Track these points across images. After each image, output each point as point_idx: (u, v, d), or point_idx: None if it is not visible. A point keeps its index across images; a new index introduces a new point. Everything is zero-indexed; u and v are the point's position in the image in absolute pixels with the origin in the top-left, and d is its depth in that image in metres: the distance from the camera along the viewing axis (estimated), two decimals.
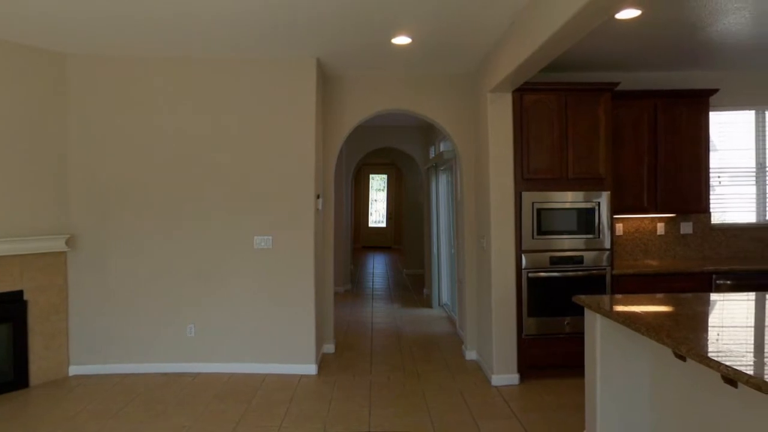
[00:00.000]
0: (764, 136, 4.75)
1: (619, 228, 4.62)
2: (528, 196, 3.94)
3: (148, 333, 4.17)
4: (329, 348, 4.76)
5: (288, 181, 4.16)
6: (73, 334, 4.11)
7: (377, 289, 8.60)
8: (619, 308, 2.55)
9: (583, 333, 2.91)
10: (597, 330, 2.72)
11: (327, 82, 4.63)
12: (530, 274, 3.95)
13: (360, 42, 3.73)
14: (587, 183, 4.00)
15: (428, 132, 7.58)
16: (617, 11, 2.50)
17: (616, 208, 4.23)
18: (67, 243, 4.01)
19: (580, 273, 3.97)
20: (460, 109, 4.60)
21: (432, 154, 7.27)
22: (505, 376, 3.92)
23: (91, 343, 4.12)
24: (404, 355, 4.72)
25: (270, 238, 4.16)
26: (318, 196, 4.37)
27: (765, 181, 4.77)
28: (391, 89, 4.61)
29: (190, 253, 4.18)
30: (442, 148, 6.44)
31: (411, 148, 8.25)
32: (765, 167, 4.77)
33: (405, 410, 3.43)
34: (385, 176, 16.16)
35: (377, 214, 16.41)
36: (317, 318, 4.29)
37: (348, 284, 8.52)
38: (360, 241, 15.67)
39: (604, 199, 4.00)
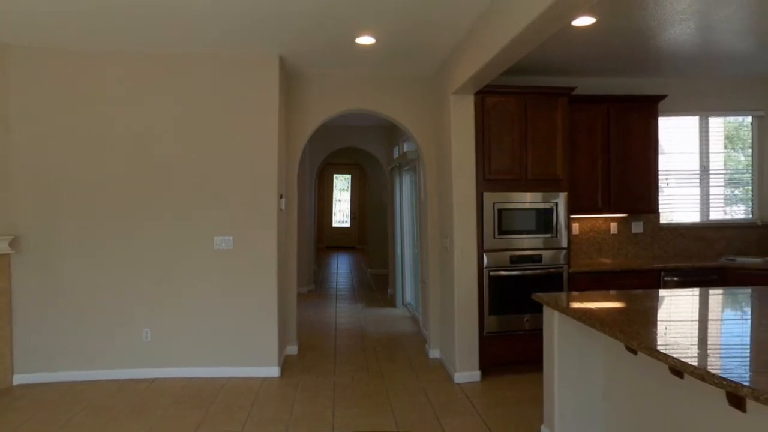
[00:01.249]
0: (707, 140, 5.04)
1: (576, 227, 4.79)
2: (489, 197, 4.02)
3: (100, 338, 3.99)
4: (292, 349, 4.70)
5: (250, 181, 4.09)
6: (18, 340, 3.88)
7: (341, 289, 8.57)
8: (576, 305, 2.64)
9: (542, 329, 2.99)
10: (555, 326, 2.81)
11: (291, 80, 4.58)
12: (491, 273, 4.04)
13: (324, 41, 3.70)
14: (545, 184, 4.12)
15: (392, 132, 7.61)
16: (573, 18, 2.59)
17: (572, 208, 4.38)
18: (10, 245, 3.78)
19: (538, 271, 4.09)
20: (423, 110, 4.65)
21: (396, 155, 7.31)
22: (467, 373, 3.99)
23: (37, 350, 3.91)
24: (368, 354, 4.72)
25: (231, 238, 4.07)
26: (281, 196, 4.31)
27: (708, 183, 5.06)
28: (356, 89, 4.60)
29: (146, 254, 4.03)
30: (405, 148, 6.48)
31: (375, 148, 8.26)
32: (708, 170, 5.06)
33: (369, 410, 3.44)
34: (349, 176, 16.12)
35: (341, 214, 16.35)
36: (280, 319, 4.23)
37: (311, 284, 8.44)
38: (324, 241, 15.56)
39: (561, 199, 4.13)
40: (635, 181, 4.53)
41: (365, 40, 3.66)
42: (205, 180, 4.06)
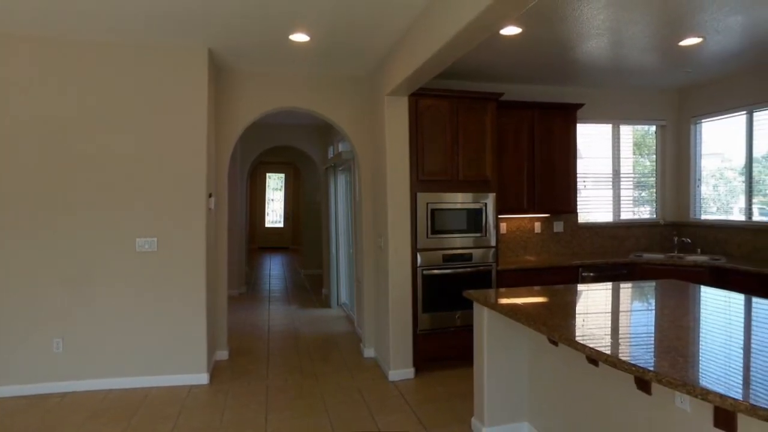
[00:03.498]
0: (619, 146, 5.49)
1: (503, 227, 5.02)
2: (423, 197, 4.11)
3: (3, 350, 3.61)
4: (222, 354, 4.52)
5: (176, 178, 3.88)
6: None
7: (274, 290, 8.37)
8: (503, 301, 2.77)
9: (472, 325, 3.11)
10: (484, 322, 2.93)
11: (222, 74, 4.40)
12: (425, 272, 4.13)
13: (256, 35, 3.60)
14: (476, 185, 4.28)
15: (327, 132, 7.56)
16: (501, 27, 2.71)
17: (500, 208, 4.59)
18: None
19: (469, 269, 4.24)
20: (358, 110, 4.66)
21: (331, 154, 7.27)
22: (401, 371, 4.05)
23: None
24: (302, 356, 4.65)
25: (155, 239, 3.84)
26: (210, 195, 4.13)
27: (619, 186, 5.51)
28: (290, 87, 4.51)
29: (57, 257, 3.70)
30: (340, 148, 6.46)
31: (310, 147, 8.16)
32: (619, 174, 5.51)
33: (303, 412, 3.39)
34: (282, 175, 15.79)
35: (274, 214, 15.97)
36: (209, 324, 4.06)
37: (243, 287, 8.18)
38: (256, 241, 15.12)
39: (490, 200, 4.31)
40: (557, 183, 4.83)
41: (299, 37, 3.61)
42: (126, 177, 3.80)
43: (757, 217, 4.73)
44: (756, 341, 1.96)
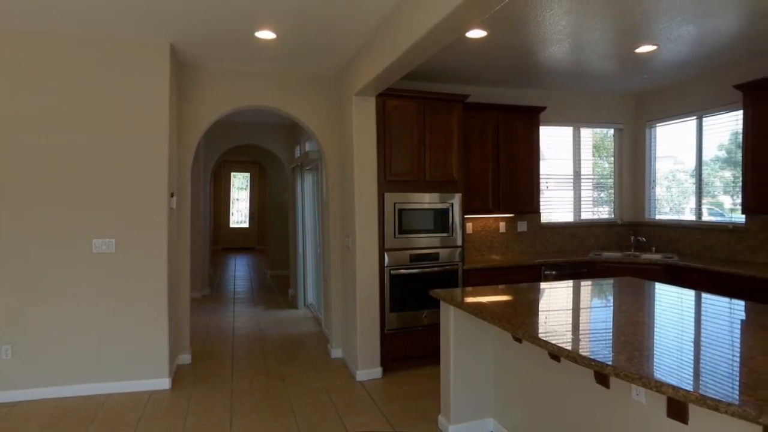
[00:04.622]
0: (579, 148, 5.67)
1: (469, 227, 5.10)
2: (390, 197, 4.13)
3: None
4: (185, 358, 4.40)
5: (136, 177, 3.74)
6: None
7: (239, 292, 8.21)
8: (469, 300, 2.81)
9: (439, 324, 3.14)
10: (451, 320, 2.97)
11: (184, 71, 4.28)
12: (392, 272, 4.14)
13: (220, 32, 3.52)
14: (442, 185, 4.33)
15: (294, 131, 7.47)
16: (467, 30, 2.75)
17: (466, 208, 4.66)
18: None
19: (436, 269, 4.29)
20: (326, 109, 4.63)
21: (298, 154, 7.19)
22: (369, 371, 4.05)
23: None
24: (268, 358, 4.59)
25: (113, 240, 3.69)
26: (172, 194, 4.01)
27: (580, 186, 5.69)
28: (256, 84, 4.44)
29: (8, 258, 3.51)
30: (307, 147, 6.40)
31: (276, 146, 8.05)
32: (580, 175, 5.69)
33: (269, 415, 3.34)
34: (248, 174, 15.51)
35: (239, 214, 15.67)
36: (171, 327, 3.94)
37: (206, 289, 7.99)
38: (220, 242, 14.80)
39: (456, 200, 4.37)
40: (521, 184, 4.95)
41: (265, 34, 3.55)
42: (82, 174, 3.64)
43: (706, 217, 4.98)
44: (705, 335, 2.07)
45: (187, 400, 3.58)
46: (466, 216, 4.77)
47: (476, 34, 3.55)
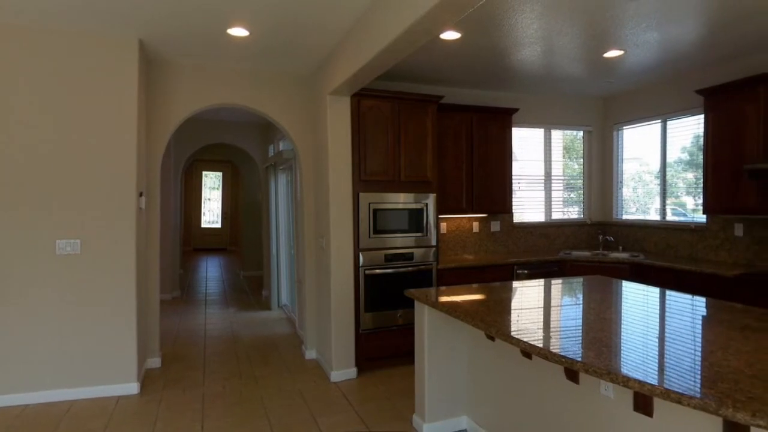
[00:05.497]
0: (550, 150, 5.79)
1: (444, 227, 5.14)
2: (365, 197, 4.12)
3: None
4: (155, 362, 4.29)
5: (103, 176, 3.63)
6: None
7: (211, 293, 8.06)
8: (443, 299, 2.84)
9: (414, 324, 3.16)
10: (425, 320, 2.98)
11: (155, 67, 4.17)
12: (367, 272, 4.14)
13: (191, 27, 3.44)
14: (417, 186, 4.36)
15: (267, 130, 7.39)
16: (441, 32, 2.78)
17: (440, 208, 4.70)
18: None
19: (410, 268, 4.31)
20: (300, 108, 4.59)
21: (271, 153, 7.11)
22: (343, 371, 4.04)
23: None
24: (241, 360, 4.52)
25: (78, 241, 3.57)
26: (141, 194, 3.91)
27: (551, 187, 5.82)
28: (229, 82, 4.36)
29: None
30: (281, 147, 6.34)
31: (249, 145, 7.93)
32: (551, 176, 5.81)
33: (242, 418, 3.29)
34: (220, 174, 15.24)
35: (211, 214, 15.38)
36: (139, 330, 3.83)
37: (177, 290, 7.81)
38: (191, 243, 14.50)
39: (431, 200, 4.40)
40: (494, 184, 5.02)
41: (238, 32, 3.50)
42: (46, 174, 3.51)
43: (670, 217, 5.17)
44: (669, 330, 2.14)
45: (156, 405, 3.49)
46: (440, 216, 4.81)
47: (450, 35, 3.59)
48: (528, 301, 2.84)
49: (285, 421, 3.25)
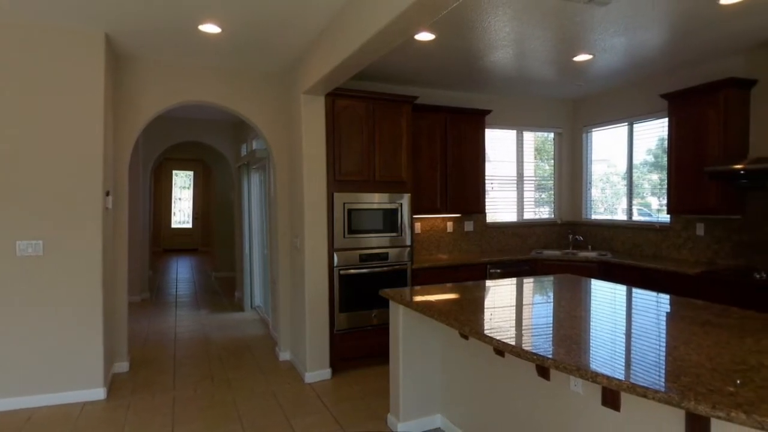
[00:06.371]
0: (522, 151, 5.89)
1: (418, 227, 5.17)
2: (340, 197, 4.11)
3: None
4: (122, 366, 4.17)
5: (68, 174, 3.51)
6: None
7: (182, 295, 7.89)
8: (418, 299, 2.86)
9: (389, 323, 3.16)
10: (400, 319, 3.00)
11: (123, 63, 4.05)
12: (342, 272, 4.13)
13: (160, 23, 3.36)
14: (392, 186, 4.37)
15: (240, 128, 7.27)
16: (415, 33, 2.79)
17: (415, 208, 4.72)
18: None
19: (385, 268, 4.31)
20: (274, 107, 4.54)
21: (244, 152, 7.00)
22: (318, 372, 4.02)
23: None
24: (213, 363, 4.44)
25: (40, 242, 3.44)
26: (107, 193, 3.79)
27: (523, 188, 5.92)
28: (200, 79, 4.28)
29: None
30: (254, 146, 6.25)
31: (221, 144, 7.80)
32: (523, 177, 5.92)
33: (214, 422, 3.23)
34: (191, 173, 14.92)
35: (182, 214, 15.05)
36: (106, 333, 3.72)
37: (146, 292, 7.61)
38: (161, 243, 14.15)
39: (405, 200, 4.42)
40: (467, 184, 5.08)
41: (210, 28, 3.43)
42: (5, 170, 3.36)
43: (636, 217, 5.33)
44: (636, 327, 2.21)
45: (124, 411, 3.39)
46: (414, 216, 4.84)
47: (425, 36, 3.61)
48: (501, 300, 2.88)
49: (258, 423, 3.21)
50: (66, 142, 3.50)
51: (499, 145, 5.74)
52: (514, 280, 3.51)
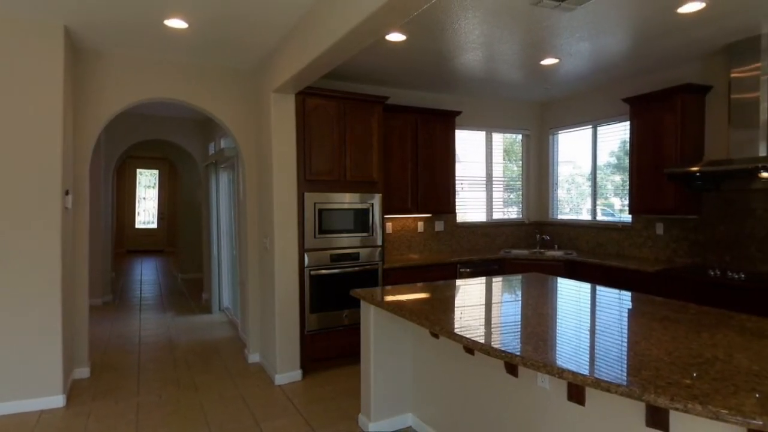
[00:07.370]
0: (491, 152, 5.99)
1: (389, 227, 5.18)
2: (310, 197, 4.08)
3: None
4: (83, 372, 4.01)
5: (23, 173, 3.35)
6: None
7: (146, 297, 7.66)
8: (389, 298, 2.86)
9: (360, 323, 3.16)
10: (371, 319, 2.99)
11: (83, 57, 3.90)
12: (312, 272, 4.10)
13: (123, 16, 3.25)
14: (363, 186, 4.36)
15: (207, 126, 7.12)
16: (386, 33, 2.80)
17: (386, 208, 4.73)
18: None
19: (356, 268, 4.30)
20: (243, 106, 4.46)
21: (212, 151, 6.86)
22: (288, 374, 3.97)
23: None
24: (179, 367, 4.32)
25: None
26: (67, 192, 3.64)
27: (492, 188, 6.02)
28: (166, 76, 4.16)
29: None
30: (223, 145, 6.13)
31: (188, 142, 7.61)
32: (492, 177, 6.01)
33: (181, 428, 3.15)
34: (156, 172, 14.50)
35: (146, 214, 14.60)
36: (65, 338, 3.57)
37: (108, 295, 7.35)
38: (125, 244, 13.70)
39: (376, 200, 4.42)
40: (438, 185, 5.13)
41: (176, 23, 3.34)
42: None
43: (600, 217, 5.50)
44: (599, 323, 2.28)
45: (84, 418, 3.27)
46: (386, 216, 4.85)
47: (396, 37, 3.62)
48: (470, 299, 2.92)
49: (227, 428, 3.15)
50: (22, 138, 3.34)
51: (469, 146, 5.82)
52: (483, 279, 3.57)
